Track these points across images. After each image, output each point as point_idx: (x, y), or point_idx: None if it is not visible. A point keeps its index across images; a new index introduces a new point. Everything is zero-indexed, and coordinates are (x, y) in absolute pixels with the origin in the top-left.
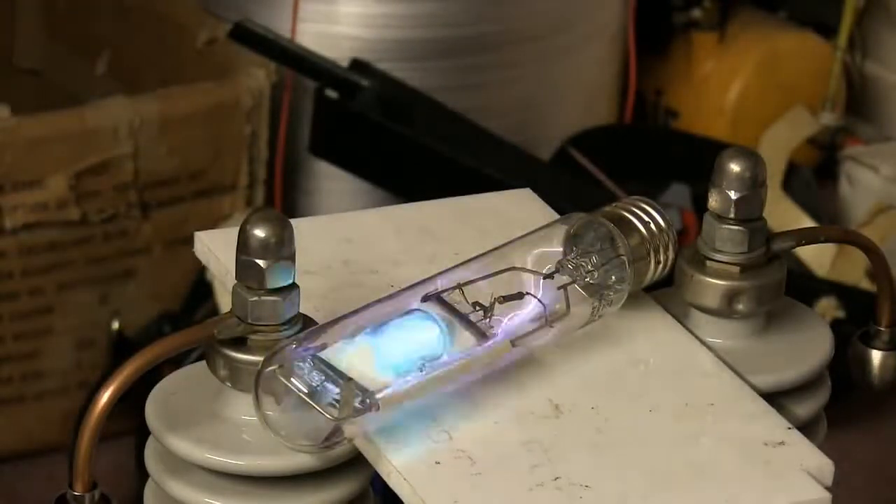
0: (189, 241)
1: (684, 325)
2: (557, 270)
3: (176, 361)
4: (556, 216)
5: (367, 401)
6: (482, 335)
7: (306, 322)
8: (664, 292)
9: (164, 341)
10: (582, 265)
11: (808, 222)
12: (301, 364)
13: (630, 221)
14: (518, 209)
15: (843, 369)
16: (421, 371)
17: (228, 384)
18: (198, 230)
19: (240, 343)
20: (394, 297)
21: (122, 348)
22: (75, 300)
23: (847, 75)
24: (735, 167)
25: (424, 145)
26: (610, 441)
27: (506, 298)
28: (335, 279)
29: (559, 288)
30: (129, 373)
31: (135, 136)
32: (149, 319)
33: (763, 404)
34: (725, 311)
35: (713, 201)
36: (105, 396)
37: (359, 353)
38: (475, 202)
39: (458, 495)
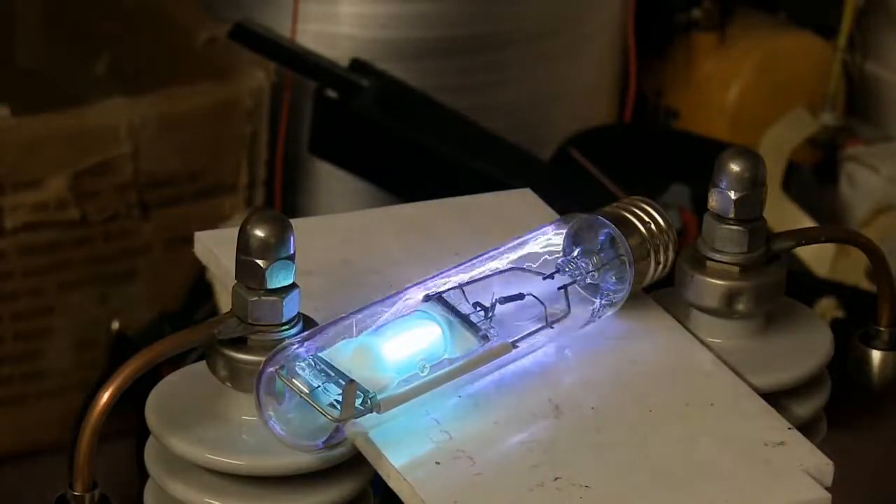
0: (189, 241)
1: (684, 325)
2: (557, 270)
3: (176, 361)
4: (556, 216)
5: (368, 401)
6: (483, 336)
7: (306, 322)
8: (664, 292)
9: (164, 341)
10: (582, 265)
11: (808, 222)
12: (302, 364)
13: (630, 221)
14: (518, 209)
15: (843, 369)
16: (422, 372)
17: (228, 384)
18: (198, 230)
19: (240, 343)
20: (394, 298)
21: (122, 348)
22: (75, 300)
23: (847, 75)
24: (735, 167)
25: (424, 145)
26: (610, 441)
27: (506, 299)
28: (335, 279)
29: (559, 288)
30: (129, 373)
31: (135, 136)
32: (149, 319)
33: (763, 404)
34: (725, 311)
35: (713, 201)
36: (105, 396)
37: (360, 354)
38: (475, 202)
39: (458, 495)
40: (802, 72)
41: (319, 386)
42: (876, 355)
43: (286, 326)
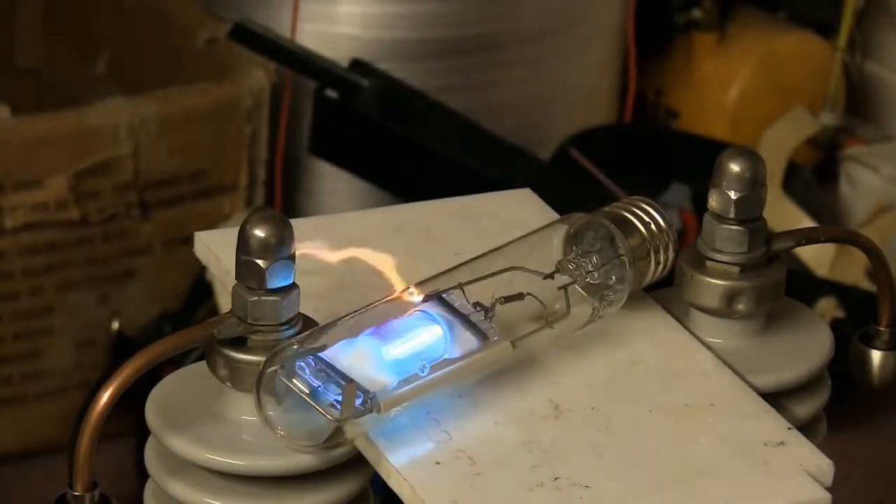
0: (189, 241)
1: (684, 325)
2: (557, 270)
3: (176, 361)
4: (556, 216)
5: (368, 402)
6: (483, 335)
7: (306, 322)
8: (664, 292)
9: (164, 341)
10: (582, 265)
11: (808, 222)
12: (302, 364)
13: (630, 221)
14: (518, 209)
15: (843, 369)
16: (422, 372)
17: (228, 384)
18: (198, 230)
19: (240, 343)
20: (394, 298)
21: (122, 348)
22: (75, 300)
23: (847, 75)
24: (735, 167)
25: (424, 145)
26: (610, 441)
27: (506, 299)
28: (335, 279)
29: (559, 288)
30: (129, 373)
31: (135, 136)
32: (149, 319)
33: (763, 404)
34: (725, 311)
35: (713, 201)
36: (105, 396)
37: (360, 354)
38: (475, 202)
39: (458, 495)
40: (802, 72)
41: (319, 386)
42: (876, 355)
43: (286, 326)
